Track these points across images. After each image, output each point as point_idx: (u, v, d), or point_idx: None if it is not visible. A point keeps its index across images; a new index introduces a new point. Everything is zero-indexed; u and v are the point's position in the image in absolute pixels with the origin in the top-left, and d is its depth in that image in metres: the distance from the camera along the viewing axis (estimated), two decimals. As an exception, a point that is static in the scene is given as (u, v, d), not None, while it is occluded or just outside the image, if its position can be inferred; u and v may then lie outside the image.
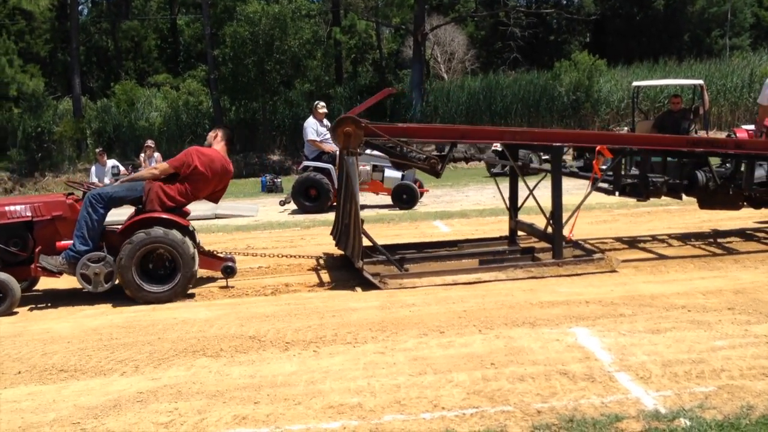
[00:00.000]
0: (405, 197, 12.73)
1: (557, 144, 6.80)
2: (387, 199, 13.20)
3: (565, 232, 6.76)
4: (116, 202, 6.43)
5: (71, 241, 6.20)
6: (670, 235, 8.27)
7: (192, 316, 5.61)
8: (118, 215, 6.92)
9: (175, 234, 6.16)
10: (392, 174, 13.08)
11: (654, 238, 8.20)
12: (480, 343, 4.61)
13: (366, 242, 6.66)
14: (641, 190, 7.21)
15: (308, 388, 3.98)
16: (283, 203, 14.11)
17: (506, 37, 36.34)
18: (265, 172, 22.12)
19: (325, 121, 13.19)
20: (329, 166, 12.58)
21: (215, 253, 7.03)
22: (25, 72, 29.86)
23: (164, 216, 6.24)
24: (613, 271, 6.47)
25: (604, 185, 7.42)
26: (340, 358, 4.45)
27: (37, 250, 6.26)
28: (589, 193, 6.96)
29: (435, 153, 7.03)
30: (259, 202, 15.67)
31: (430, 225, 10.36)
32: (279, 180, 18.77)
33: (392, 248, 7.40)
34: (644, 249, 7.64)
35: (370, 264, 6.74)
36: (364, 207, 13.52)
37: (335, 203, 13.34)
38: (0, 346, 5.03)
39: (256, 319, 5.44)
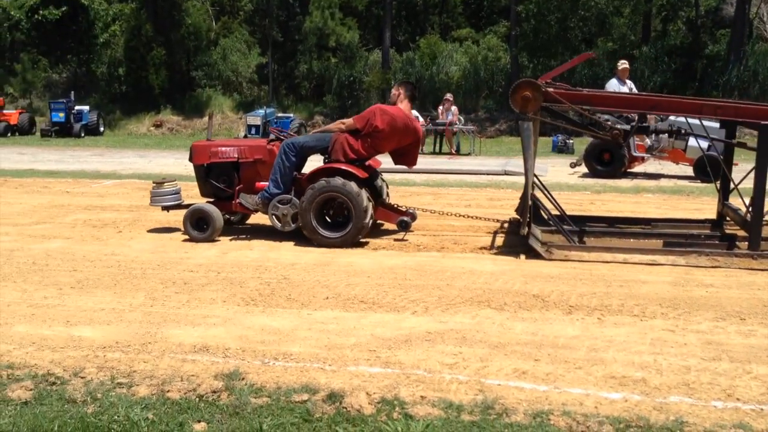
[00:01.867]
0: (709, 170, 11.75)
1: (766, 123, 5.94)
2: (688, 170, 12.33)
3: None
4: (307, 151, 6.92)
5: (267, 183, 6.82)
6: None
7: (479, 268, 5.81)
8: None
9: (351, 185, 6.48)
10: (697, 143, 12.13)
11: None
12: (788, 338, 4.19)
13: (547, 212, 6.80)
14: None
15: (589, 354, 3.94)
16: (573, 165, 13.83)
17: None
18: (557, 132, 21.78)
19: (629, 82, 12.58)
20: (628, 128, 12.01)
21: (397, 207, 7.29)
22: (343, 25, 32.46)
23: (344, 167, 6.59)
24: None
25: None
26: (625, 330, 4.33)
27: (237, 188, 7.05)
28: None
29: (634, 124, 6.82)
30: (549, 162, 15.54)
31: (734, 202, 9.46)
32: (571, 141, 18.41)
33: (581, 220, 7.22)
34: None
35: (548, 233, 6.66)
36: (660, 176, 12.78)
37: (630, 169, 12.84)
38: (312, 273, 5.69)
39: (540, 278, 5.48)
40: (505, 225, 7.48)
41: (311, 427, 3.12)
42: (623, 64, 12.67)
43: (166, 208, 7.36)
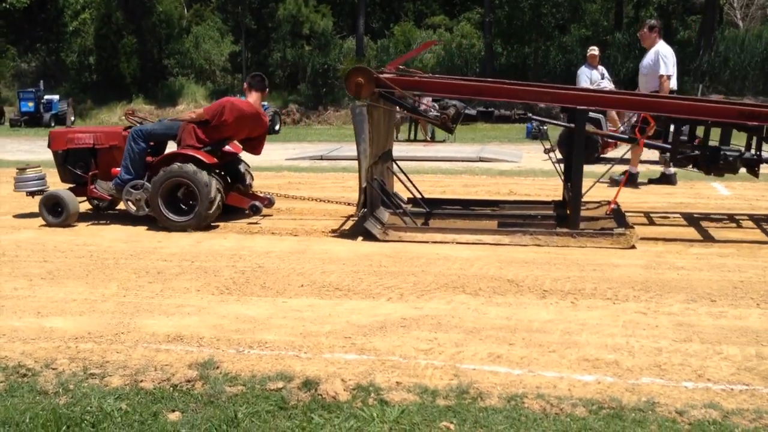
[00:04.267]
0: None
1: (582, 108, 6.32)
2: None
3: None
4: (154, 137, 7.19)
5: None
6: None
7: (454, 254, 5.83)
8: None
9: (196, 170, 6.63)
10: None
11: None
12: (757, 318, 4.25)
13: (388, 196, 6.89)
14: (704, 165, 6.69)
15: (563, 337, 3.98)
16: (547, 152, 13.87)
17: (822, -21, 31.70)
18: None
19: (600, 68, 12.67)
20: (599, 116, 12.11)
21: (255, 193, 7.51)
22: (317, 12, 32.23)
23: (191, 153, 6.76)
24: (632, 247, 5.91)
25: (666, 156, 7.01)
26: (598, 313, 4.37)
27: (91, 173, 7.21)
28: (616, 162, 7.14)
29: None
30: (523, 148, 15.61)
31: (707, 186, 9.62)
32: (545, 128, 18.40)
33: (438, 203, 7.50)
34: None
35: (395, 215, 6.85)
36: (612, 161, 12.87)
37: (603, 155, 12.92)
38: (287, 261, 5.67)
39: (515, 263, 5.52)
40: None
41: (286, 415, 3.12)
42: (592, 51, 12.78)
43: (31, 194, 7.49)
